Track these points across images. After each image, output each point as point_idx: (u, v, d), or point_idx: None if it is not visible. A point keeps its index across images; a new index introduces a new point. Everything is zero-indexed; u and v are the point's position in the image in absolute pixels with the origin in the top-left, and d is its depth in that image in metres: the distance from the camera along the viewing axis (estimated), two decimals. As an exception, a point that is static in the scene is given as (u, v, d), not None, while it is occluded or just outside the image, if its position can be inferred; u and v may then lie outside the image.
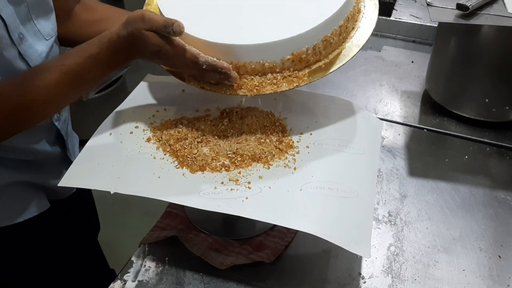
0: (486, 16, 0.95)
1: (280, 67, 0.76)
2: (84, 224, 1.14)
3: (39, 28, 0.80)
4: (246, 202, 0.71)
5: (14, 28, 0.74)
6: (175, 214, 0.87)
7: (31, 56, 0.77)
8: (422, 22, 1.41)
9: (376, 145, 0.86)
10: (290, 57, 0.75)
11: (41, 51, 0.79)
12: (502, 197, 0.93)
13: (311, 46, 0.76)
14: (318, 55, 0.78)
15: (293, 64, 0.76)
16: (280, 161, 0.78)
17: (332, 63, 0.79)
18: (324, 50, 0.78)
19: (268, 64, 0.75)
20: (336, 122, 0.87)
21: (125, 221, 2.03)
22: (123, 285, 0.75)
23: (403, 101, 1.18)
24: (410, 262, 0.81)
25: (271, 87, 0.76)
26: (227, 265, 0.76)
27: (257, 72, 0.76)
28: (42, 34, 0.80)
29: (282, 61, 0.75)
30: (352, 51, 0.80)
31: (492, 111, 1.06)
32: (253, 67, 0.75)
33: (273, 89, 0.76)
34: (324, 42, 0.77)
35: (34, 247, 0.93)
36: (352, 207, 0.72)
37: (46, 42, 0.82)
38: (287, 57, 0.75)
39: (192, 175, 0.75)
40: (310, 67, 0.78)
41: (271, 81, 0.76)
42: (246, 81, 0.76)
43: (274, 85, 0.76)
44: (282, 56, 0.75)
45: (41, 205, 0.90)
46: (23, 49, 0.76)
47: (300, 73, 0.77)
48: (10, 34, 0.73)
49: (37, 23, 0.79)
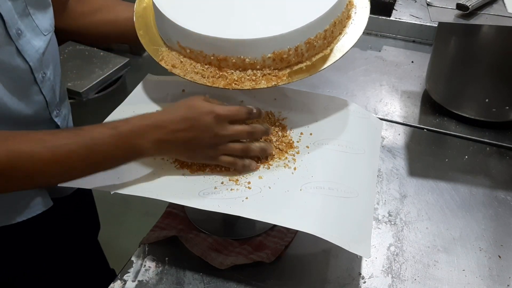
0: (486, 16, 0.95)
1: (260, 65, 0.76)
2: (84, 223, 1.14)
3: (37, 24, 0.80)
4: (246, 202, 0.71)
5: (12, 24, 0.73)
6: (175, 214, 0.87)
7: (28, 51, 0.77)
8: (422, 22, 1.41)
9: (376, 145, 0.86)
10: (271, 56, 0.75)
11: (39, 47, 0.79)
12: (502, 197, 0.93)
13: (293, 47, 0.75)
14: (300, 56, 0.77)
15: (274, 63, 0.76)
16: (280, 161, 0.78)
17: (314, 66, 0.78)
18: (306, 52, 0.77)
19: (249, 60, 0.75)
20: (336, 122, 0.87)
21: (125, 221, 2.03)
22: (123, 285, 0.75)
23: (403, 101, 1.18)
24: (410, 262, 0.81)
25: (250, 83, 0.76)
26: (227, 265, 0.76)
27: (238, 67, 0.76)
28: (40, 30, 0.80)
29: (263, 59, 0.75)
30: (335, 56, 0.79)
31: (492, 111, 1.06)
32: (234, 61, 0.75)
33: (251, 85, 0.75)
34: (307, 45, 0.76)
35: (35, 246, 0.93)
36: (352, 207, 0.72)
37: (44, 38, 0.81)
38: (268, 55, 0.75)
39: (192, 175, 0.75)
40: (291, 68, 0.77)
41: (250, 77, 0.76)
42: (226, 75, 0.76)
43: (253, 81, 0.76)
44: (263, 54, 0.74)
45: (44, 203, 0.90)
46: (21, 45, 0.76)
47: (280, 72, 0.76)
48: (8, 30, 0.73)
49: (35, 18, 0.79)
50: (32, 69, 0.78)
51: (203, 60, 0.77)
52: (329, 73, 1.25)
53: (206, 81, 0.77)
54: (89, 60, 2.23)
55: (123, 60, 2.24)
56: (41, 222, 0.90)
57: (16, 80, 0.76)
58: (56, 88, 0.87)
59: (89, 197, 1.15)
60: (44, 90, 0.82)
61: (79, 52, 2.26)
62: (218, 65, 0.76)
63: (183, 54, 0.79)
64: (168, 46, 0.82)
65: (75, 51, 2.26)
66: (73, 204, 1.03)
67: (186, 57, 0.79)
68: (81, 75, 2.13)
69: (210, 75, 0.76)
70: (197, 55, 0.77)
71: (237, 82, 0.76)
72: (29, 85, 0.79)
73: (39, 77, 0.80)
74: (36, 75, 0.79)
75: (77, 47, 2.28)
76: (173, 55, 0.80)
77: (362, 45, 1.39)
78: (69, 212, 1.02)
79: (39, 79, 0.80)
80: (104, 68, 2.18)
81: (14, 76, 0.76)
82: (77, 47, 2.28)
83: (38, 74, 0.80)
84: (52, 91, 0.85)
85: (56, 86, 0.87)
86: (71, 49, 2.29)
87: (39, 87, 0.81)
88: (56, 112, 0.88)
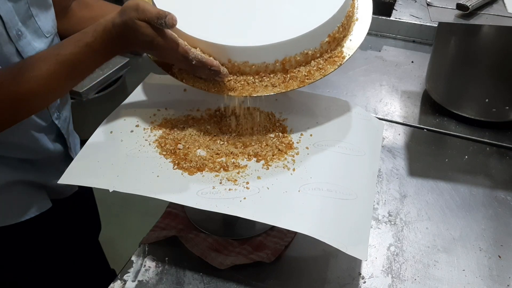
0: (486, 16, 0.95)
1: (319, 52, 0.78)
2: (85, 223, 1.14)
3: (40, 25, 0.80)
4: (244, 202, 0.71)
5: (12, 25, 0.74)
6: (175, 214, 0.87)
7: (28, 53, 0.77)
8: (422, 22, 1.41)
9: (377, 147, 0.86)
10: (328, 39, 0.77)
11: (40, 49, 0.79)
12: (502, 197, 0.93)
13: (340, 24, 0.78)
14: (346, 30, 0.81)
15: (329, 45, 0.78)
16: (279, 161, 0.78)
17: (356, 34, 0.83)
18: (347, 24, 0.81)
19: (311, 52, 0.76)
20: (336, 124, 0.86)
21: (125, 221, 2.03)
22: (123, 285, 0.75)
23: (403, 101, 1.18)
24: (410, 262, 0.81)
25: (274, 89, 0.76)
26: (227, 265, 0.76)
27: (242, 73, 0.76)
28: (42, 31, 0.80)
29: (321, 45, 0.77)
30: (357, 43, 0.83)
31: (492, 111, 1.06)
32: (298, 59, 0.76)
33: (277, 90, 0.76)
34: (347, 18, 0.80)
35: (35, 247, 0.93)
36: (350, 209, 0.72)
37: (46, 40, 0.81)
38: (326, 39, 0.77)
39: (191, 175, 0.75)
40: (341, 45, 0.81)
41: (270, 82, 0.76)
42: (237, 85, 0.76)
43: (275, 86, 0.76)
44: (321, 40, 0.77)
45: (42, 204, 0.90)
46: (21, 46, 0.76)
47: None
48: (8, 31, 0.73)
49: (37, 20, 0.79)
50: None
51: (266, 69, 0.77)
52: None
53: (217, 90, 0.76)
54: (89, 60, 2.22)
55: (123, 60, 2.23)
56: (43, 222, 0.90)
57: None
58: None
59: (90, 199, 1.15)
60: None
61: (79, 52, 2.26)
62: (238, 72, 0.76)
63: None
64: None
65: (75, 51, 2.25)
66: (75, 205, 1.03)
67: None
68: (81, 75, 2.12)
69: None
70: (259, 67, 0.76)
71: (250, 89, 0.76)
72: None
73: None
74: None
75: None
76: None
77: (362, 45, 1.37)
78: (70, 213, 1.02)
79: None
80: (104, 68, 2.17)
81: None
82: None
83: None
84: None
85: None
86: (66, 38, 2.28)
87: None
88: (56, 115, 0.88)
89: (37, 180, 0.89)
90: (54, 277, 0.99)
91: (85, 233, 1.14)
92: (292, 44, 0.75)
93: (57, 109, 0.88)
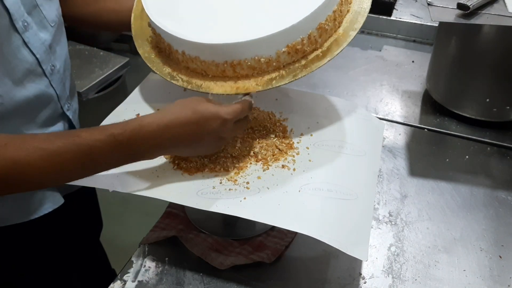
0: (487, 16, 0.95)
1: (276, 61, 0.73)
2: (88, 222, 1.14)
3: (45, 15, 0.79)
4: (244, 202, 0.70)
5: (18, 16, 0.73)
6: (175, 214, 0.87)
7: (35, 44, 0.77)
8: (423, 22, 1.41)
9: (377, 148, 0.85)
10: (286, 50, 0.72)
11: (45, 39, 0.79)
12: (503, 197, 0.92)
13: (306, 36, 0.72)
14: (314, 44, 0.74)
15: (289, 56, 0.73)
16: (279, 161, 0.78)
17: (330, 50, 0.75)
18: (319, 38, 0.74)
19: (264, 59, 0.72)
20: (337, 124, 0.86)
21: (125, 221, 2.03)
22: (123, 285, 0.75)
23: (403, 101, 1.18)
24: (410, 262, 0.80)
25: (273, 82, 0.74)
26: (227, 265, 0.76)
27: (254, 68, 0.74)
28: (47, 20, 0.80)
29: (277, 55, 0.72)
30: (350, 36, 0.76)
31: (493, 111, 1.06)
32: (248, 64, 0.73)
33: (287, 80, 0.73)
34: (319, 30, 0.73)
35: (39, 245, 0.93)
36: (350, 209, 0.72)
37: (51, 29, 0.81)
38: (283, 49, 0.72)
39: (191, 175, 0.75)
40: (306, 58, 0.75)
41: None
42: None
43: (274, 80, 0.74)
44: (277, 50, 0.72)
45: (55, 200, 0.89)
46: (27, 37, 0.75)
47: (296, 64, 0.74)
48: (14, 23, 0.73)
49: (42, 10, 0.79)
50: (40, 61, 0.78)
51: (216, 69, 0.74)
52: (330, 73, 1.25)
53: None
54: (89, 60, 2.22)
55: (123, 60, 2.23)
56: (46, 222, 0.90)
57: (25, 73, 0.76)
58: (66, 81, 0.87)
59: (93, 196, 1.15)
60: (53, 83, 0.82)
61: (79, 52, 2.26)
62: (233, 70, 0.74)
63: (191, 68, 0.77)
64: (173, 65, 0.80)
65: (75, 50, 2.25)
66: (78, 202, 1.03)
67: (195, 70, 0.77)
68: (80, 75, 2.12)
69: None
70: (209, 65, 0.74)
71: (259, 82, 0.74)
72: (39, 78, 0.79)
73: (48, 70, 0.80)
74: (45, 67, 0.79)
75: (77, 47, 2.27)
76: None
77: (362, 45, 1.39)
78: (73, 211, 1.01)
79: (48, 71, 0.80)
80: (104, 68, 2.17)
81: (23, 69, 0.76)
82: (77, 47, 2.28)
83: (47, 67, 0.79)
84: (62, 84, 0.84)
85: (66, 79, 0.87)
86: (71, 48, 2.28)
87: (49, 80, 0.80)
88: (67, 106, 0.88)
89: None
90: (55, 276, 0.99)
91: (87, 232, 1.14)
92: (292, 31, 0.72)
93: (67, 100, 0.88)
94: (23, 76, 0.76)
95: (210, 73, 0.75)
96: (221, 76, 0.75)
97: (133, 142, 0.65)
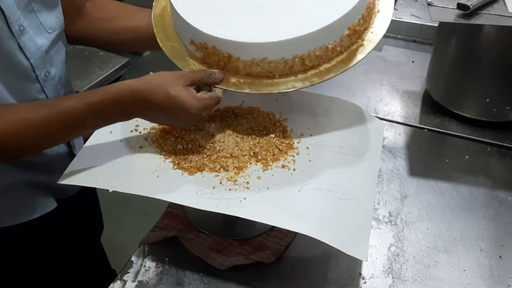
0: (487, 16, 0.95)
1: (339, 45, 0.75)
2: (88, 223, 1.14)
3: (41, 21, 0.79)
4: (244, 202, 0.70)
5: (14, 19, 0.73)
6: (175, 214, 0.87)
7: (30, 49, 0.77)
8: (423, 22, 1.41)
9: (377, 148, 0.85)
10: (348, 32, 0.75)
11: (41, 45, 0.79)
12: (502, 197, 0.92)
13: (361, 16, 0.76)
14: (366, 23, 0.78)
15: (349, 39, 0.76)
16: (279, 162, 0.78)
17: (351, 56, 0.78)
18: (368, 17, 0.78)
19: (331, 45, 0.74)
20: (337, 124, 0.86)
21: (125, 221, 2.03)
22: (123, 285, 0.75)
23: (403, 101, 1.18)
24: (410, 262, 0.80)
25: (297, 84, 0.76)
26: (227, 265, 0.76)
27: (321, 57, 0.75)
28: (44, 27, 0.80)
29: (341, 39, 0.75)
30: (373, 42, 0.79)
31: (492, 111, 1.06)
32: (317, 53, 0.74)
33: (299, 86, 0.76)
34: (368, 10, 0.77)
35: (39, 246, 0.93)
36: (350, 209, 0.72)
37: (48, 36, 0.81)
38: (346, 32, 0.75)
39: (191, 175, 0.75)
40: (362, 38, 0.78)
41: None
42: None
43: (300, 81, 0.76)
44: (341, 34, 0.75)
45: (48, 204, 0.90)
46: (23, 41, 0.75)
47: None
48: (10, 26, 0.73)
49: (39, 16, 0.78)
50: (33, 66, 0.78)
51: (284, 67, 0.75)
52: (330, 73, 1.24)
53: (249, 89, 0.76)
54: (89, 60, 2.22)
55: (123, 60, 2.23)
56: (47, 223, 0.90)
57: (17, 77, 0.76)
58: (61, 88, 0.86)
59: (94, 198, 1.15)
60: (46, 89, 0.81)
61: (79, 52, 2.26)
62: (301, 64, 0.75)
63: (253, 73, 0.76)
64: (192, 55, 0.80)
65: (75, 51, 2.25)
66: (78, 204, 1.03)
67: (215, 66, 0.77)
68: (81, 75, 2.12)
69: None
70: (277, 64, 0.74)
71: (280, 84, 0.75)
72: (31, 83, 0.79)
73: (41, 76, 0.80)
74: (38, 73, 0.79)
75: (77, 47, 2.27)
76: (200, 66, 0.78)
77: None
78: (74, 212, 1.01)
79: (41, 77, 0.80)
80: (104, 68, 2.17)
81: (16, 73, 0.76)
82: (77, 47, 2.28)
83: (40, 72, 0.79)
84: (56, 91, 0.84)
85: (61, 86, 0.86)
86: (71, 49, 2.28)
87: (41, 86, 0.80)
88: None
89: (42, 180, 0.89)
90: (55, 277, 0.99)
91: (87, 233, 1.14)
92: (311, 38, 0.73)
93: None
94: (16, 80, 0.76)
95: (277, 72, 0.76)
96: (288, 74, 0.76)
97: (111, 110, 0.71)
